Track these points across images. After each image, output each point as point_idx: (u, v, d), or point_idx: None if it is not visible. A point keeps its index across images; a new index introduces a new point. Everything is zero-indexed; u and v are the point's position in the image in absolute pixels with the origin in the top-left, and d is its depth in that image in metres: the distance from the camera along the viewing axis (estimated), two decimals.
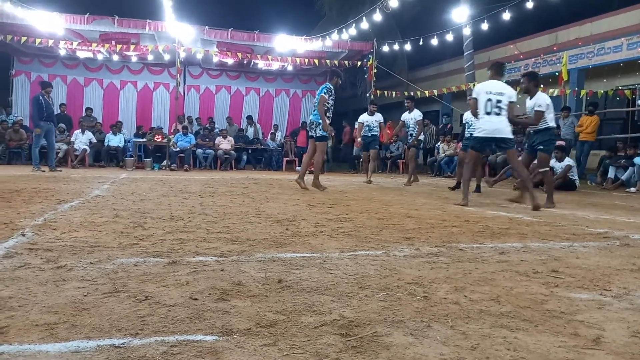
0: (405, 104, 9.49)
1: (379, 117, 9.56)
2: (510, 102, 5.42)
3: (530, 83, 5.84)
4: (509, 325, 1.65)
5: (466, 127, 8.15)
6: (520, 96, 6.03)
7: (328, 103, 7.08)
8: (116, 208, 4.31)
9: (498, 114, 5.35)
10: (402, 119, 9.42)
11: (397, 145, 14.58)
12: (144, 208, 4.38)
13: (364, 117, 9.70)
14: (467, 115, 8.07)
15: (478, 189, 7.92)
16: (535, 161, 5.94)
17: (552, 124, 5.83)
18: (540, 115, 5.68)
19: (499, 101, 5.35)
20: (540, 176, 8.96)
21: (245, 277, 2.13)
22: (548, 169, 5.92)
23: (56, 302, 1.72)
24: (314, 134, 7.25)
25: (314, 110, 7.27)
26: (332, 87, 7.20)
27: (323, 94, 7.06)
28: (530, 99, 5.88)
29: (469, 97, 9.07)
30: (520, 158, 6.02)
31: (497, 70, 5.67)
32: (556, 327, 1.65)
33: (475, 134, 5.62)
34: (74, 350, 1.33)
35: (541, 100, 5.75)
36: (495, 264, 2.58)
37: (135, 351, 1.34)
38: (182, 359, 1.30)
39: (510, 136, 5.47)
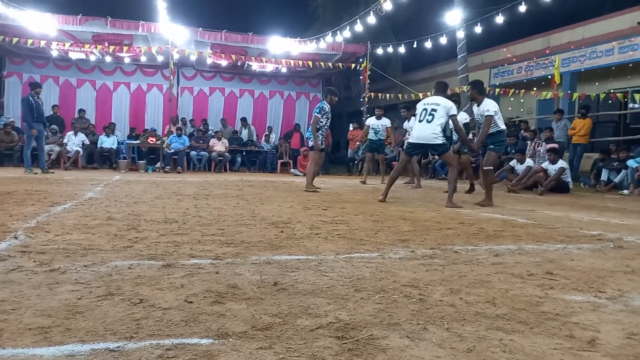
0: (402, 113, 9.81)
1: (386, 121, 9.92)
2: (451, 116, 5.69)
3: (474, 91, 6.15)
4: (504, 328, 1.65)
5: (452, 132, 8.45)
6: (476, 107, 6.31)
7: (321, 121, 7.45)
8: (110, 210, 4.28)
9: (429, 122, 5.65)
10: (404, 127, 9.86)
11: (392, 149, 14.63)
12: (138, 210, 4.36)
13: (371, 121, 9.99)
14: (462, 116, 8.29)
15: (472, 189, 8.08)
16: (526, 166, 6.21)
17: (503, 127, 6.09)
18: (489, 119, 5.93)
19: (433, 110, 5.66)
20: (534, 179, 9.05)
21: (240, 280, 2.12)
22: (492, 167, 6.16)
23: (50, 305, 1.71)
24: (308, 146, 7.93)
25: (309, 128, 7.77)
26: (326, 106, 7.54)
27: (316, 114, 7.48)
28: (477, 106, 6.19)
29: (402, 110, 9.87)
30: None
31: (439, 88, 6.04)
32: (551, 329, 1.65)
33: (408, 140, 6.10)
34: (68, 354, 1.32)
35: (489, 105, 6.03)
36: (490, 266, 2.59)
37: (130, 355, 1.33)
38: None
39: (436, 142, 5.68)
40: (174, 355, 1.34)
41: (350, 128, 15.50)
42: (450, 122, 5.77)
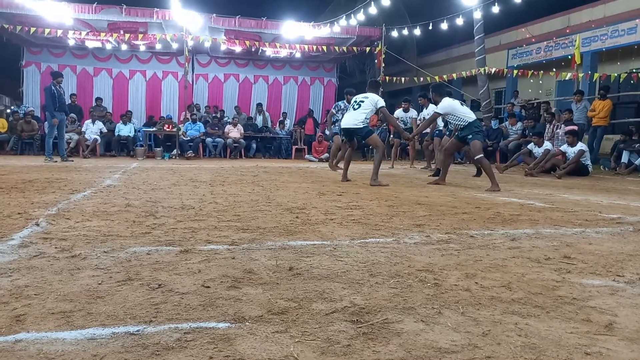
0: (419, 101, 9.99)
1: (413, 113, 10.24)
2: (380, 107, 6.32)
3: (434, 93, 6.47)
4: (520, 312, 1.64)
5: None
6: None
7: (337, 116, 8.97)
8: (128, 197, 4.35)
9: (355, 109, 6.38)
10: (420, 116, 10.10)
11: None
12: (156, 197, 4.42)
13: (398, 113, 10.21)
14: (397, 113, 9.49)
15: (478, 173, 8.09)
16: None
17: (471, 117, 6.25)
18: (432, 118, 6.72)
19: (361, 101, 6.39)
20: (553, 162, 8.91)
21: (256, 265, 2.15)
22: (482, 155, 6.33)
23: (71, 290, 1.75)
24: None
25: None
26: (342, 104, 9.10)
27: (332, 110, 9.52)
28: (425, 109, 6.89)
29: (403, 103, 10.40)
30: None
31: (373, 86, 6.71)
32: (568, 313, 1.64)
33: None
34: (90, 338, 1.36)
35: (434, 107, 6.57)
36: (507, 250, 2.57)
37: (150, 338, 1.36)
38: (196, 345, 1.32)
39: (355, 127, 6.34)
40: (192, 338, 1.37)
41: None
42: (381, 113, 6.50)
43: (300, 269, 2.10)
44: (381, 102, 6.43)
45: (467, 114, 6.26)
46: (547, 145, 9.29)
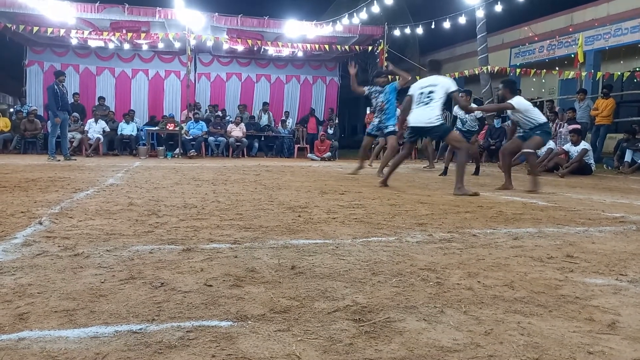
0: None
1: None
2: (453, 93, 5.39)
3: (506, 90, 5.90)
4: (522, 311, 1.64)
5: (457, 120, 8.61)
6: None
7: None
8: (131, 196, 4.36)
9: (427, 104, 5.36)
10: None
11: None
12: (158, 196, 4.42)
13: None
14: (456, 110, 8.47)
15: (477, 172, 8.14)
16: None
17: (544, 119, 5.92)
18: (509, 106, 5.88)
19: (431, 91, 5.36)
20: (555, 161, 8.90)
21: (258, 264, 2.15)
22: (532, 151, 5.93)
23: (74, 288, 1.76)
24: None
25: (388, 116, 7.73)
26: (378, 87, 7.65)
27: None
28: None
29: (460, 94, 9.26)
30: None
31: (435, 67, 5.80)
32: (571, 312, 1.64)
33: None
34: (93, 336, 1.36)
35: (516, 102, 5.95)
36: (509, 249, 2.57)
37: (153, 336, 1.36)
38: (198, 344, 1.32)
39: (430, 124, 5.36)
40: (195, 337, 1.37)
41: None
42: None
43: (303, 268, 2.10)
44: (453, 86, 5.41)
45: (540, 115, 5.90)
46: (550, 144, 9.26)
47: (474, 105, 7.69)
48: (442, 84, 5.40)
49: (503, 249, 2.58)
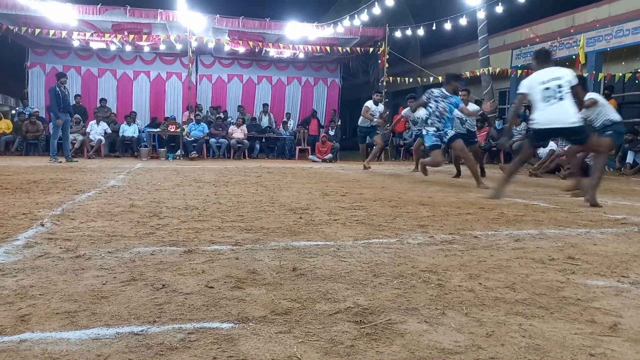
0: (408, 104, 9.47)
1: (381, 107, 9.74)
2: (575, 87, 4.66)
3: (579, 87, 5.12)
4: (524, 313, 1.64)
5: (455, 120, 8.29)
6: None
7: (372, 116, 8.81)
8: (132, 198, 4.36)
9: (561, 99, 4.53)
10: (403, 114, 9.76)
11: (410, 133, 14.49)
12: (160, 197, 4.43)
13: (369, 104, 9.63)
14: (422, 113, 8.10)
15: (482, 173, 8.02)
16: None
17: (619, 117, 5.80)
18: (592, 102, 5.65)
19: (560, 85, 4.54)
20: (557, 163, 8.88)
21: (259, 266, 2.15)
22: (607, 151, 5.24)
23: (76, 290, 1.76)
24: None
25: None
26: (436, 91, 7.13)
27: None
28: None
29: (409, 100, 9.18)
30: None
31: (547, 57, 4.91)
32: (572, 314, 1.64)
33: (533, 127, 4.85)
34: (94, 338, 1.36)
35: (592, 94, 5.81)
36: (511, 251, 2.57)
37: (154, 338, 1.36)
38: (199, 346, 1.33)
39: (573, 125, 4.53)
40: (196, 339, 1.37)
41: None
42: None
43: (304, 270, 2.10)
44: (576, 79, 4.64)
45: (615, 113, 5.72)
46: (551, 145, 9.26)
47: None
48: (566, 76, 4.59)
49: (504, 250, 2.57)
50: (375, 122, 9.81)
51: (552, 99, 4.54)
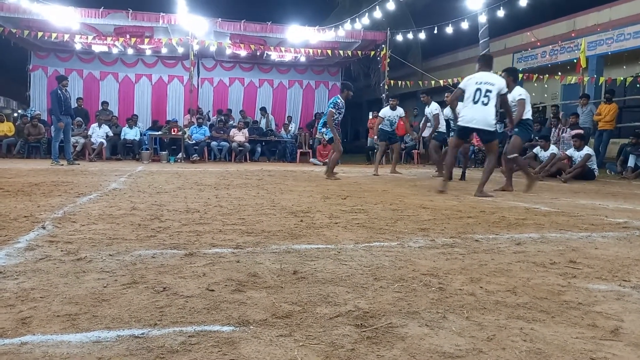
0: (422, 99, 9.73)
1: (400, 111, 9.78)
2: (504, 95, 5.39)
3: (510, 78, 5.92)
4: (525, 317, 1.64)
5: (449, 122, 8.78)
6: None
7: (335, 116, 7.63)
8: (133, 201, 4.36)
9: (485, 104, 5.26)
10: (425, 113, 9.70)
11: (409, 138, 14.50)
12: (161, 200, 4.43)
13: (385, 112, 9.77)
14: (447, 112, 8.61)
15: (463, 177, 8.14)
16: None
17: (529, 115, 6.12)
18: (523, 102, 5.97)
19: (489, 90, 5.25)
20: (558, 166, 8.88)
21: (260, 269, 2.15)
22: (517, 154, 6.11)
23: (77, 293, 1.76)
24: (327, 138, 8.08)
25: (323, 122, 7.93)
26: (340, 100, 7.67)
27: (331, 109, 7.60)
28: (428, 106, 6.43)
29: (446, 95, 9.31)
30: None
31: (489, 63, 5.65)
32: (574, 318, 1.63)
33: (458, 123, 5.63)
34: (95, 341, 1.36)
35: (521, 91, 6.10)
36: (512, 254, 2.56)
37: (155, 341, 1.36)
38: (200, 349, 1.33)
39: (490, 129, 5.36)
40: (197, 342, 1.37)
41: (370, 116, 15.42)
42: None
43: (305, 273, 2.10)
44: (506, 88, 5.31)
45: (530, 110, 5.98)
46: (552, 149, 9.25)
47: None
48: (498, 85, 5.27)
49: (505, 254, 2.57)
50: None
51: (479, 101, 5.24)
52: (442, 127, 9.11)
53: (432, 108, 9.20)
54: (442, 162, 8.54)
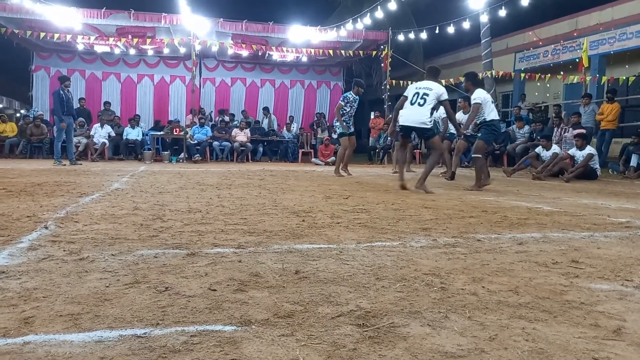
0: (459, 104, 9.80)
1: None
2: (444, 101, 5.84)
3: (468, 82, 6.40)
4: (527, 316, 1.63)
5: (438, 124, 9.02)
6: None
7: (345, 109, 8.26)
8: (135, 201, 4.37)
9: (421, 105, 5.75)
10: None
11: (413, 136, 14.47)
12: (163, 200, 4.44)
13: None
14: (438, 115, 8.73)
15: (452, 177, 8.10)
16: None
17: (491, 117, 6.26)
18: (476, 107, 6.17)
19: (426, 94, 5.76)
20: (560, 166, 8.86)
21: (262, 268, 2.15)
22: (480, 155, 6.34)
23: (79, 293, 1.76)
24: (338, 132, 8.67)
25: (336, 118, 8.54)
26: (351, 95, 8.26)
27: (340, 102, 8.41)
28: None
29: (459, 100, 9.61)
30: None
31: (432, 73, 6.17)
32: (576, 318, 1.63)
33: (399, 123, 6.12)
34: (97, 340, 1.36)
35: (478, 94, 6.27)
36: (514, 254, 2.56)
37: (157, 341, 1.37)
38: (202, 348, 1.33)
39: (423, 126, 5.81)
40: (199, 341, 1.37)
41: (372, 116, 15.45)
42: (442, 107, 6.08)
43: (307, 273, 2.10)
44: (445, 95, 5.79)
45: (492, 111, 6.22)
46: (555, 148, 9.23)
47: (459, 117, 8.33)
48: (436, 91, 5.80)
49: (508, 254, 2.57)
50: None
51: (415, 103, 5.75)
52: (452, 128, 9.08)
53: (441, 112, 9.16)
54: (452, 162, 8.61)
